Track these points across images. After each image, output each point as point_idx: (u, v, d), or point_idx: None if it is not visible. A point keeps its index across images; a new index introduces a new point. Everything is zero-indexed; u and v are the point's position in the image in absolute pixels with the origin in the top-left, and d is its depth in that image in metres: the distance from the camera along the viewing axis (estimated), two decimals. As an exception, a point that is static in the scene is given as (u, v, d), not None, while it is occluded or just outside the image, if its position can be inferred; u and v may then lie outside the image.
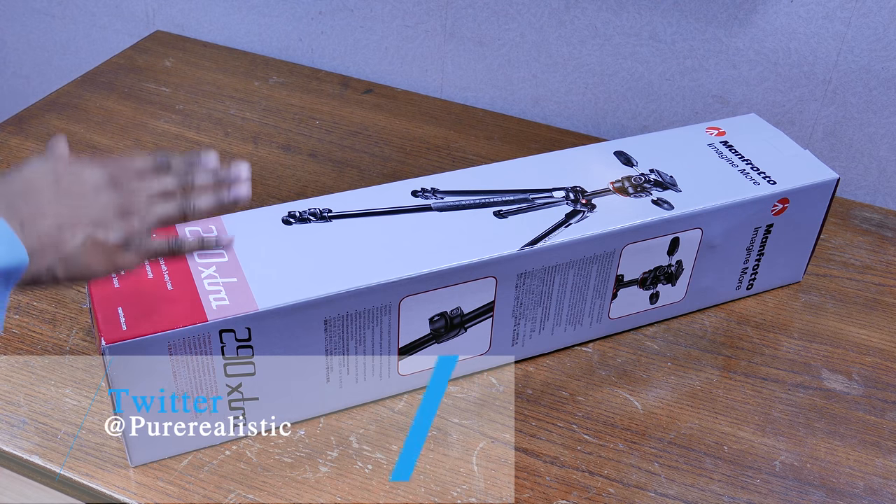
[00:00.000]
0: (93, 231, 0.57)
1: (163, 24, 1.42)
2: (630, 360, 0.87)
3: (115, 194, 0.59)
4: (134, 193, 0.59)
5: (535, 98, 1.25)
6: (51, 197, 0.56)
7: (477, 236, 0.78)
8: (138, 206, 0.59)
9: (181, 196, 0.61)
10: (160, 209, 0.60)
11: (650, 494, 0.75)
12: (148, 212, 0.59)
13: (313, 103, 1.24)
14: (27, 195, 0.56)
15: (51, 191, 0.57)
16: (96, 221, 0.57)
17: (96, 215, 0.57)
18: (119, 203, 0.58)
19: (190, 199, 0.61)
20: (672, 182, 0.86)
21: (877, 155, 1.11)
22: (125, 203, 0.59)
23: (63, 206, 0.56)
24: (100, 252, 0.57)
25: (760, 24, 1.08)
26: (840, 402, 0.84)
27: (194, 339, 0.68)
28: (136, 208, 0.59)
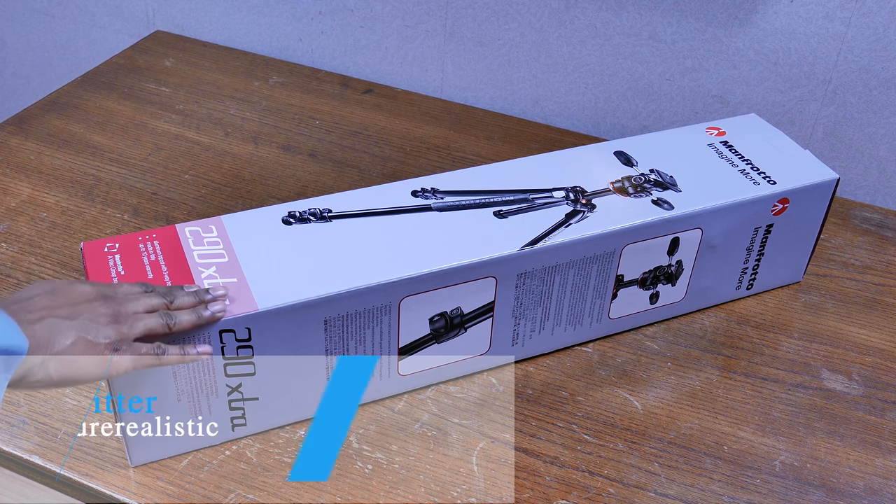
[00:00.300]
0: (84, 332, 0.62)
1: (163, 24, 1.42)
2: (630, 360, 0.87)
3: (106, 305, 0.64)
4: (122, 305, 0.65)
5: (535, 98, 1.25)
6: (45, 305, 0.62)
7: (477, 236, 0.78)
8: (126, 316, 0.65)
9: (165, 313, 0.67)
10: (147, 321, 0.65)
11: (650, 494, 0.75)
12: (135, 321, 0.65)
13: (313, 103, 1.24)
14: (24, 304, 0.62)
15: (45, 300, 0.63)
16: (87, 325, 0.62)
17: (87, 320, 0.63)
18: (109, 312, 0.64)
19: (173, 316, 0.67)
20: (672, 182, 0.86)
21: (877, 155, 1.11)
22: (114, 312, 0.64)
23: (57, 312, 0.62)
24: (91, 353, 0.62)
25: (760, 24, 1.08)
26: (840, 402, 0.84)
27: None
28: (124, 317, 0.64)
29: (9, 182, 1.06)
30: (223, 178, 1.09)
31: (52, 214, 1.01)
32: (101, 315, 0.63)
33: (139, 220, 1.01)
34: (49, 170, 1.09)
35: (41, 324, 0.60)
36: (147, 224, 1.00)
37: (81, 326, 0.61)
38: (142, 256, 0.74)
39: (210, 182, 1.08)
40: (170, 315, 0.66)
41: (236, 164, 1.11)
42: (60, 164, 1.10)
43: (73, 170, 1.09)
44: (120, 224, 1.00)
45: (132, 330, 0.64)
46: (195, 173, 1.09)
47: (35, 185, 1.06)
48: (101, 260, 0.73)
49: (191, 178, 1.08)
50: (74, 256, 0.95)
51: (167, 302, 0.67)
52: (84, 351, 0.61)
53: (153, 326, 0.65)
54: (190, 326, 0.67)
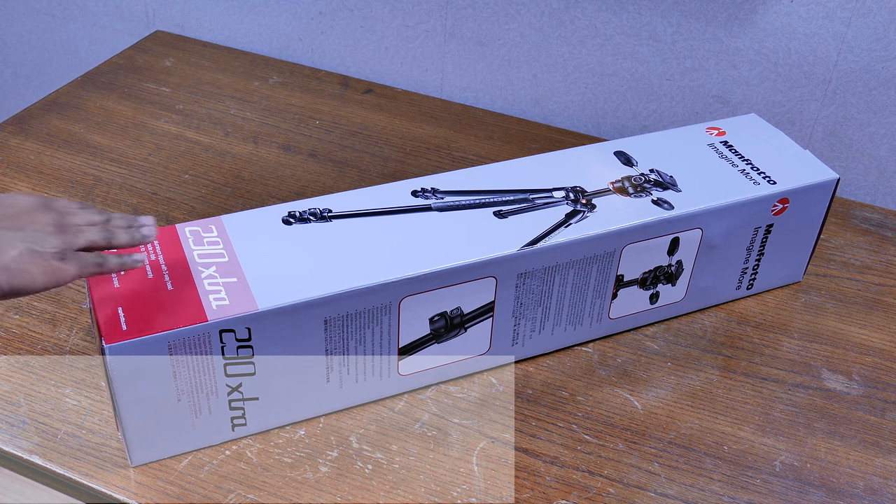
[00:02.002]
0: (30, 242, 0.62)
1: (163, 24, 1.42)
2: (630, 360, 0.87)
3: (48, 215, 0.65)
4: (64, 217, 0.66)
5: (535, 98, 1.25)
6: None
7: (477, 236, 0.78)
8: (69, 225, 0.65)
9: (104, 227, 0.67)
10: (88, 233, 0.66)
11: (650, 494, 0.75)
12: (78, 232, 0.65)
13: (313, 103, 1.24)
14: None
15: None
16: (32, 236, 0.62)
17: (32, 230, 0.63)
18: (52, 222, 0.64)
19: (112, 231, 0.67)
20: (672, 182, 0.86)
21: (877, 155, 1.11)
22: (58, 222, 0.65)
23: (1, 225, 0.62)
24: (38, 262, 0.62)
25: (760, 24, 1.08)
26: (840, 402, 0.84)
27: (194, 339, 0.68)
28: (67, 227, 0.65)
29: (9, 182, 1.06)
30: (223, 178, 1.09)
31: (52, 214, 1.01)
32: (45, 225, 0.64)
33: (139, 220, 1.01)
34: (49, 170, 1.09)
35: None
36: (147, 224, 1.00)
37: (27, 237, 0.62)
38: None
39: (210, 182, 1.08)
40: (109, 230, 0.67)
41: (236, 164, 1.11)
42: (60, 164, 1.10)
43: (73, 170, 1.09)
44: (120, 224, 1.00)
45: (76, 239, 0.64)
46: (195, 173, 1.09)
47: (35, 185, 1.06)
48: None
49: (191, 178, 1.08)
50: (74, 256, 0.94)
51: (104, 219, 0.68)
52: (32, 260, 0.61)
53: (95, 239, 0.66)
54: (126, 244, 0.68)
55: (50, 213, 0.65)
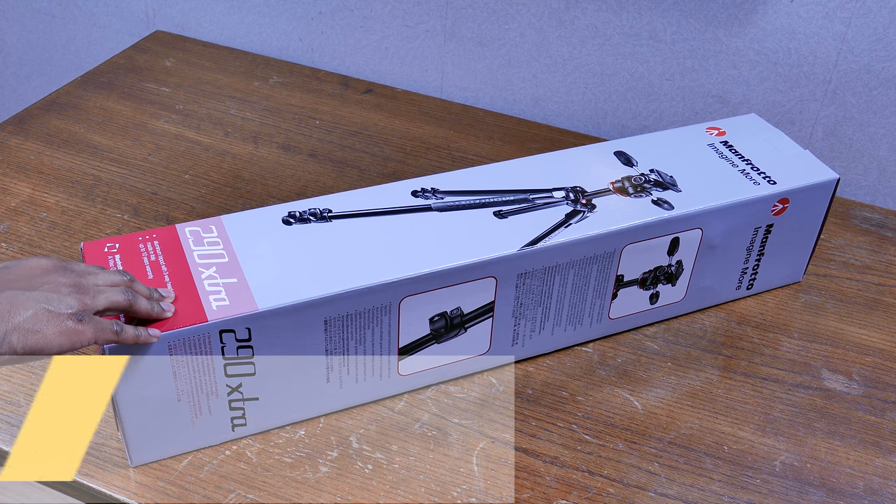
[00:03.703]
0: (45, 303, 0.60)
1: (163, 24, 1.42)
2: (630, 360, 0.87)
3: (66, 276, 0.63)
4: (83, 277, 0.64)
5: (535, 98, 1.25)
6: (4, 278, 0.61)
7: (477, 236, 0.78)
8: (88, 286, 0.64)
9: (126, 289, 0.66)
10: (109, 293, 0.64)
11: (650, 494, 0.75)
12: (98, 293, 0.64)
13: (313, 103, 1.24)
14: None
15: (2, 275, 0.61)
16: (48, 296, 0.60)
17: (48, 290, 0.61)
18: (70, 282, 0.63)
19: (135, 294, 0.66)
20: (672, 182, 0.86)
21: (877, 155, 1.11)
22: (76, 283, 0.63)
23: (15, 285, 0.60)
24: (54, 323, 0.60)
25: (760, 24, 1.08)
26: (840, 402, 0.84)
27: (194, 340, 0.68)
28: (86, 288, 0.63)
29: (9, 182, 1.06)
30: (223, 178, 1.09)
31: (52, 214, 1.01)
32: (62, 285, 0.62)
33: (139, 220, 1.01)
34: (49, 170, 1.09)
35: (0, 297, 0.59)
36: (147, 224, 1.00)
37: (42, 297, 0.60)
38: (142, 256, 0.74)
39: (210, 182, 1.08)
40: (132, 293, 0.65)
41: (236, 164, 1.11)
42: (60, 164, 1.10)
43: (73, 170, 1.09)
44: (120, 224, 1.00)
45: (95, 301, 0.63)
46: (195, 173, 1.09)
47: (35, 185, 1.06)
48: (102, 260, 0.73)
49: (191, 178, 1.08)
50: (74, 256, 0.95)
51: (127, 280, 0.67)
52: (47, 321, 0.59)
53: (117, 300, 0.64)
54: (146, 311, 0.66)
55: (68, 274, 0.63)
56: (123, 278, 0.67)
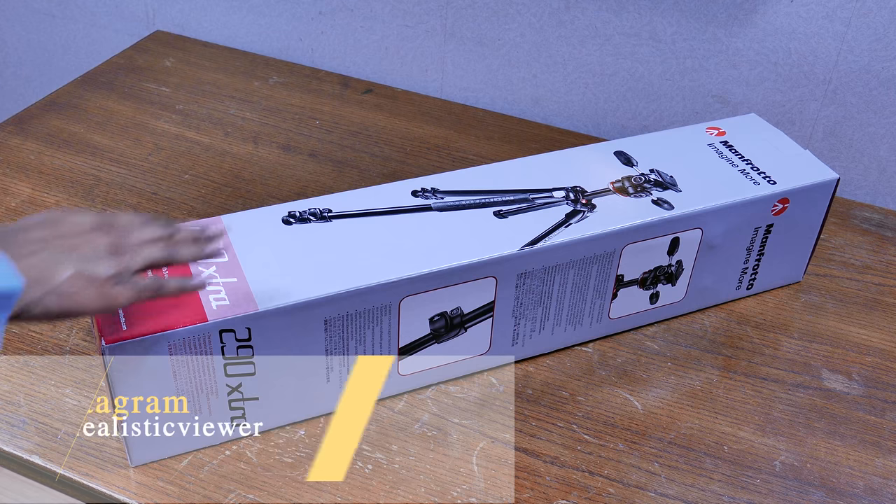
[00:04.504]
0: (82, 266, 0.59)
1: (163, 24, 1.42)
2: (630, 360, 0.87)
3: (106, 236, 0.62)
4: (123, 236, 0.63)
5: (535, 98, 1.25)
6: (42, 237, 0.60)
7: (477, 236, 0.78)
8: (127, 247, 0.62)
9: (166, 244, 0.65)
10: (147, 252, 0.63)
11: (650, 494, 0.75)
12: (136, 253, 0.63)
13: (313, 103, 1.24)
14: (20, 235, 0.59)
15: (42, 232, 0.60)
16: (86, 257, 0.60)
17: (86, 252, 0.60)
18: (109, 243, 0.62)
19: (174, 248, 0.65)
20: (672, 182, 0.86)
21: (877, 155, 1.11)
22: (114, 243, 0.62)
23: (54, 244, 0.59)
24: (90, 286, 0.59)
25: (760, 24, 1.08)
26: (840, 402, 0.84)
27: (194, 339, 0.68)
28: (124, 249, 0.62)
29: (9, 182, 1.06)
30: (223, 178, 1.09)
31: (52, 214, 1.01)
32: (100, 246, 0.61)
33: (139, 220, 1.01)
34: (49, 170, 1.09)
35: (37, 258, 0.58)
36: (147, 224, 1.00)
37: (80, 259, 0.59)
38: (142, 256, 0.74)
39: (210, 182, 1.08)
40: (171, 247, 0.64)
41: (236, 164, 1.11)
42: (60, 164, 1.10)
43: (73, 170, 1.09)
44: (120, 224, 1.00)
45: (133, 261, 0.62)
46: (195, 173, 1.09)
47: (35, 185, 1.06)
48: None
49: (191, 178, 1.08)
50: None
51: (168, 233, 0.65)
52: (83, 284, 0.58)
53: (155, 257, 0.63)
54: (190, 260, 0.65)
55: (108, 234, 0.62)
56: (164, 232, 0.65)
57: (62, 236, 0.60)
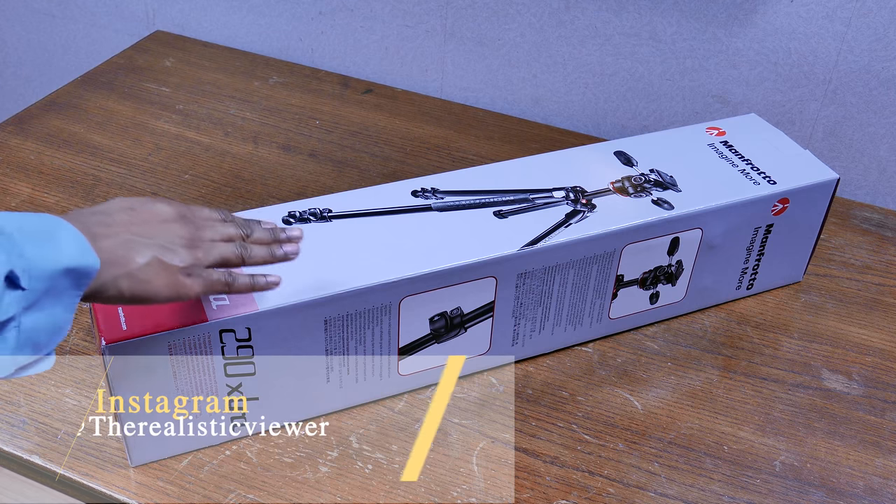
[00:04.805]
0: (160, 253, 0.60)
1: (163, 24, 1.42)
2: (630, 360, 0.87)
3: (184, 227, 0.63)
4: (200, 230, 0.64)
5: (535, 98, 1.25)
6: (123, 221, 0.61)
7: (477, 236, 0.78)
8: (203, 241, 0.64)
9: (240, 244, 0.66)
10: (222, 248, 0.65)
11: (650, 494, 0.75)
12: (211, 248, 0.64)
13: (313, 103, 1.24)
14: (102, 217, 0.60)
15: (124, 216, 0.61)
16: (163, 246, 0.61)
17: (164, 241, 0.61)
18: (186, 234, 0.63)
19: (248, 248, 0.66)
20: (672, 182, 0.86)
21: (877, 155, 1.11)
22: (192, 236, 0.63)
23: (134, 229, 0.60)
24: (164, 274, 0.60)
25: (760, 24, 1.08)
26: (840, 402, 0.84)
27: (194, 339, 0.68)
28: (200, 242, 0.64)
29: (9, 182, 1.06)
30: (223, 178, 1.09)
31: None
32: (178, 237, 0.62)
33: (139, 220, 1.01)
34: (49, 170, 1.09)
35: (117, 239, 0.59)
36: (147, 224, 1.00)
37: (158, 247, 0.60)
38: (142, 256, 0.74)
39: (210, 182, 1.08)
40: (245, 247, 0.66)
41: (236, 164, 1.11)
42: (60, 164, 1.10)
43: (73, 170, 1.09)
44: (120, 224, 1.00)
45: (207, 256, 0.63)
46: (195, 173, 1.09)
47: (35, 185, 1.06)
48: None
49: (191, 178, 1.08)
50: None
51: (243, 234, 0.67)
52: (158, 272, 0.60)
53: (228, 255, 0.65)
54: (262, 261, 0.67)
55: (186, 226, 0.63)
56: (240, 232, 0.67)
57: (143, 223, 0.61)
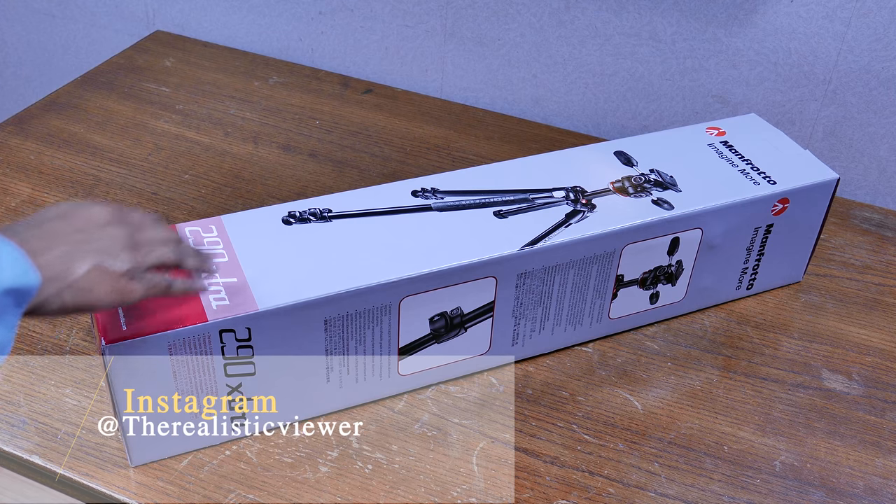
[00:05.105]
0: (100, 260, 0.60)
1: (163, 24, 1.42)
2: (630, 360, 0.87)
3: (121, 229, 0.63)
4: (138, 231, 0.64)
5: (535, 98, 1.25)
6: (60, 231, 0.60)
7: (477, 236, 0.78)
8: (141, 242, 0.63)
9: (176, 247, 0.66)
10: (160, 251, 0.64)
11: (650, 494, 0.75)
12: (150, 250, 0.64)
13: (313, 103, 1.24)
14: (37, 230, 0.60)
15: (59, 225, 0.61)
16: (103, 251, 0.60)
17: (103, 246, 0.61)
18: (124, 237, 0.62)
19: (183, 251, 0.66)
20: (672, 182, 0.86)
21: (877, 155, 1.11)
22: (130, 237, 0.63)
23: (71, 238, 0.60)
24: (107, 280, 0.60)
25: (760, 24, 1.08)
26: (840, 402, 0.84)
27: (194, 339, 0.68)
28: (139, 244, 0.63)
29: (9, 182, 1.06)
30: (223, 178, 1.09)
31: (52, 214, 1.01)
32: (117, 240, 0.62)
33: (139, 220, 1.01)
34: (49, 170, 1.09)
35: (56, 252, 0.58)
36: (147, 224, 1.00)
37: (98, 253, 0.60)
38: (142, 256, 0.74)
39: (210, 182, 1.08)
40: (181, 250, 0.66)
41: (236, 164, 1.11)
42: (60, 164, 1.10)
43: (73, 170, 1.09)
44: (120, 224, 1.00)
45: (146, 258, 0.63)
46: (195, 173, 1.09)
47: (35, 185, 1.06)
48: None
49: (191, 178, 1.08)
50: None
51: (176, 238, 0.67)
52: (100, 279, 0.59)
53: (167, 258, 0.64)
54: (194, 266, 0.67)
55: (124, 228, 0.63)
56: (172, 235, 0.67)
57: (79, 230, 0.61)
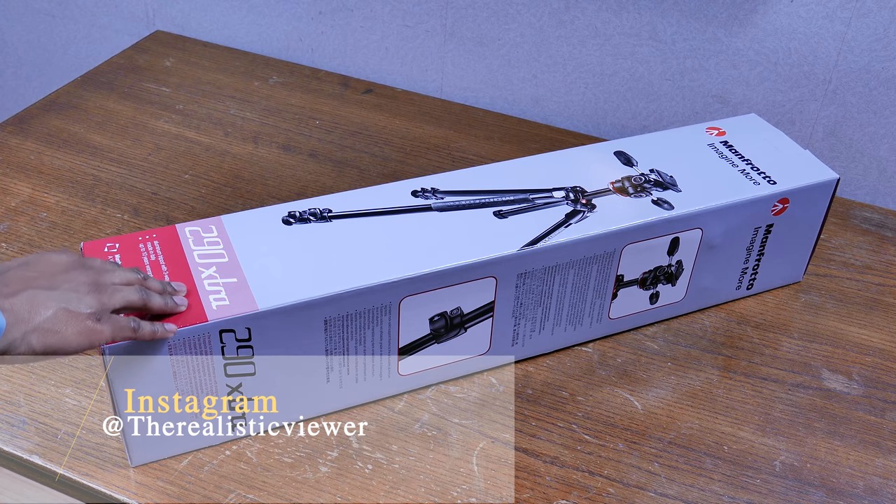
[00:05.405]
0: (65, 303, 0.60)
1: (163, 24, 1.42)
2: (630, 360, 0.87)
3: (85, 273, 0.64)
4: (101, 275, 0.65)
5: (535, 98, 1.25)
6: (23, 277, 0.61)
7: (477, 236, 0.78)
8: (106, 285, 0.64)
9: (141, 288, 0.66)
10: (125, 292, 0.65)
11: (650, 494, 0.75)
12: (115, 291, 0.64)
13: (313, 103, 1.24)
14: (2, 276, 0.61)
15: (22, 272, 0.62)
16: (68, 294, 0.61)
17: (68, 289, 0.61)
18: (89, 280, 0.63)
19: (149, 293, 0.67)
20: (672, 182, 0.86)
21: (877, 155, 1.11)
22: (94, 280, 0.63)
23: (35, 283, 0.61)
24: (73, 322, 0.60)
25: (760, 24, 1.08)
26: (840, 402, 0.84)
27: (194, 339, 0.68)
28: (104, 287, 0.64)
29: (9, 182, 1.06)
30: (223, 178, 1.09)
31: (52, 214, 1.01)
32: (81, 283, 0.62)
33: (139, 220, 1.01)
34: (49, 170, 1.09)
35: (20, 297, 0.59)
36: (147, 224, 1.00)
37: (62, 296, 0.60)
38: (142, 256, 0.74)
39: (210, 182, 1.08)
40: (146, 291, 0.66)
41: (236, 164, 1.11)
42: (60, 164, 1.10)
43: (73, 170, 1.09)
44: (120, 224, 1.00)
45: (111, 300, 0.63)
46: (195, 173, 1.09)
47: (35, 185, 1.06)
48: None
49: (191, 178, 1.08)
50: (74, 256, 0.94)
51: (141, 278, 0.67)
52: (66, 321, 0.60)
53: (132, 299, 0.65)
54: (160, 308, 0.67)
55: (87, 272, 0.64)
56: (138, 276, 0.67)
57: (42, 275, 0.62)
